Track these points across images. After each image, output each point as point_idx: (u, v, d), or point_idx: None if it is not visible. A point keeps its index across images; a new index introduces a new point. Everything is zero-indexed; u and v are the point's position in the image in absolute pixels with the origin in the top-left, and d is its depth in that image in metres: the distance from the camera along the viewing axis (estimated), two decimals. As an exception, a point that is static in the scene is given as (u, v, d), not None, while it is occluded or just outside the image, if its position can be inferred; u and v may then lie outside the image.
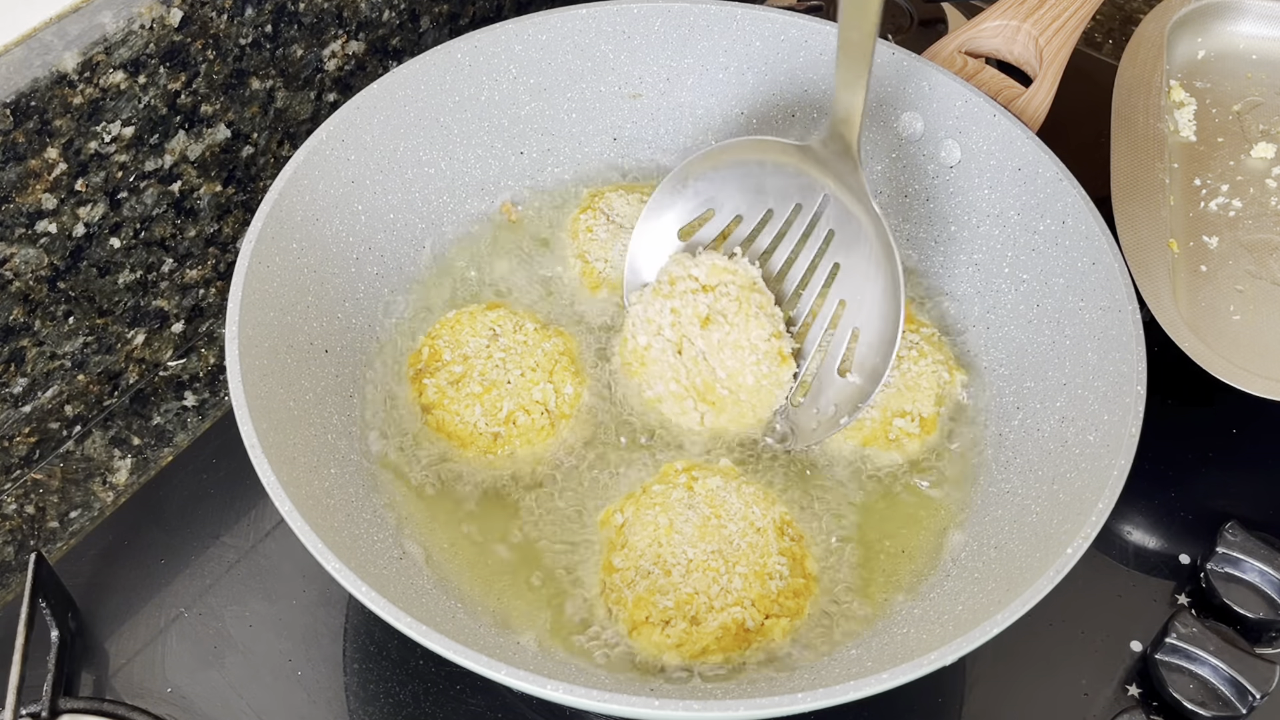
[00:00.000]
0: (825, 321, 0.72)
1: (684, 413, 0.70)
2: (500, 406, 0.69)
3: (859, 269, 0.71)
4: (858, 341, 0.70)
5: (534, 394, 0.69)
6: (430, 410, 0.69)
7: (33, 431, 0.75)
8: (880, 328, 0.70)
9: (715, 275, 0.73)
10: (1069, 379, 0.68)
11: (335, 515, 0.61)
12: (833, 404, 0.70)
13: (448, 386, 0.70)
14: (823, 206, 0.72)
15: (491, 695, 0.66)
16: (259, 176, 0.82)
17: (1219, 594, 0.69)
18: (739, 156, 0.73)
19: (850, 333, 0.71)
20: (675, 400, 0.70)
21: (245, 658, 0.67)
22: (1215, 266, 0.79)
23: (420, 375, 0.71)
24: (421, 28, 0.89)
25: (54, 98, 0.65)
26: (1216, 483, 0.77)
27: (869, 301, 0.70)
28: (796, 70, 0.82)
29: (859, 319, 0.71)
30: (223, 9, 0.72)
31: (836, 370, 0.71)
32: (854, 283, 0.71)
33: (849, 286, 0.71)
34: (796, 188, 0.72)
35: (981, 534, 0.66)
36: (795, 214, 0.73)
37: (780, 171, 0.72)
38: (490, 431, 0.68)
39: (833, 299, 0.72)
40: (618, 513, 0.66)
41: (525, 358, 0.71)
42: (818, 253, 0.72)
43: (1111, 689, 0.67)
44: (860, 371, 0.70)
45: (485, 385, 0.69)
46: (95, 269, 0.74)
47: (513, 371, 0.70)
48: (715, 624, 0.60)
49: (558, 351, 0.72)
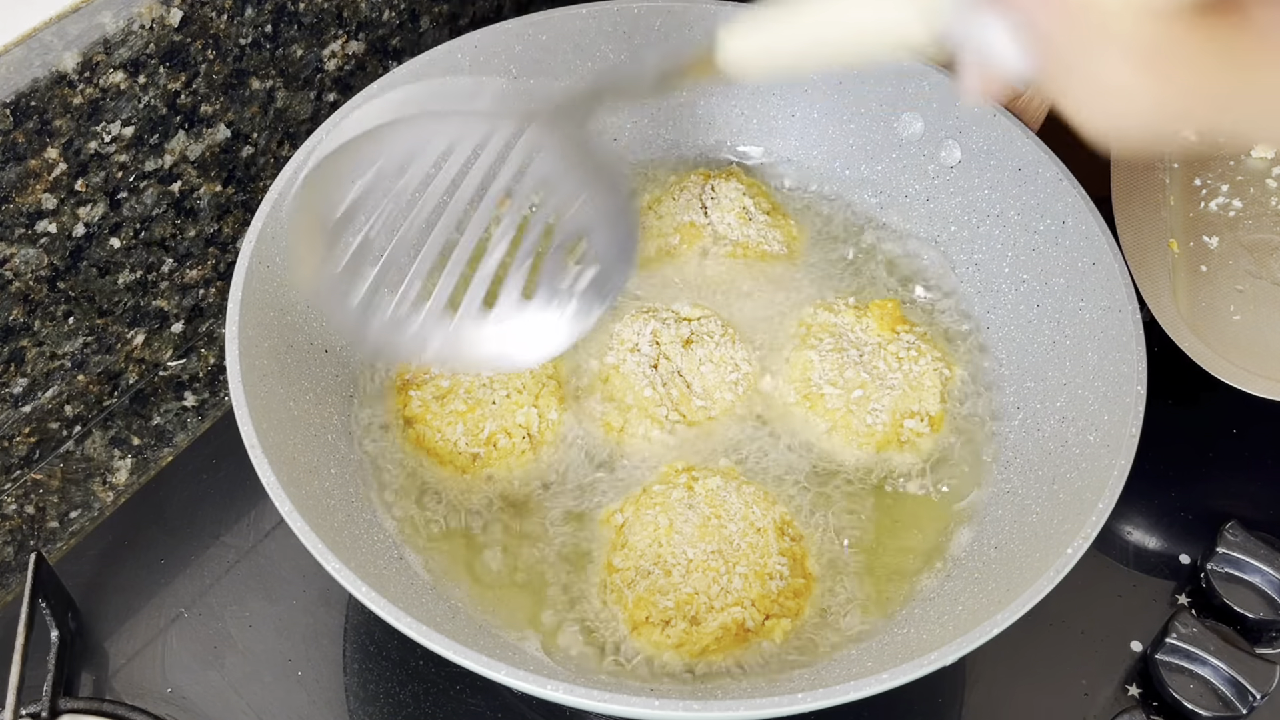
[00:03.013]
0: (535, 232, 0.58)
1: (656, 422, 0.70)
2: (482, 427, 0.68)
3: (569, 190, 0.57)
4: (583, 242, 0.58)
5: (517, 417, 0.68)
6: (412, 424, 0.69)
7: (33, 431, 0.75)
8: (611, 228, 0.57)
9: (698, 309, 0.73)
10: (1069, 379, 0.68)
11: (335, 515, 0.61)
12: (570, 299, 0.59)
13: (432, 401, 0.69)
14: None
15: (491, 695, 0.66)
16: (259, 176, 0.82)
17: (1219, 594, 0.69)
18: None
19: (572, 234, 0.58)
20: (650, 406, 0.70)
21: (245, 658, 0.67)
22: (1215, 266, 0.79)
23: (407, 386, 0.70)
24: (421, 28, 0.88)
25: (54, 98, 0.65)
26: (1216, 483, 0.77)
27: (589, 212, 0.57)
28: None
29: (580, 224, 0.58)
30: (223, 9, 0.72)
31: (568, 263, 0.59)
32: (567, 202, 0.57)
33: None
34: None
35: (981, 534, 0.66)
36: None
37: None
38: (469, 452, 0.68)
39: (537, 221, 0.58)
40: (618, 513, 0.66)
41: (513, 379, 0.70)
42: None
43: (1111, 689, 0.67)
44: (592, 262, 0.58)
45: (470, 404, 0.69)
46: (95, 269, 0.74)
47: (499, 392, 0.69)
48: (715, 624, 0.60)
49: (545, 375, 0.71)
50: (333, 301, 0.57)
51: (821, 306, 0.75)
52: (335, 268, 0.56)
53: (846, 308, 0.75)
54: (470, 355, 0.60)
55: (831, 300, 0.76)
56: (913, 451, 0.70)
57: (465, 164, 0.55)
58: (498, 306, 0.59)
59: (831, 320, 0.74)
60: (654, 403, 0.70)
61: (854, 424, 0.69)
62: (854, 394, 0.70)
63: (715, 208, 0.79)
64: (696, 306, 0.74)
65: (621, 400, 0.70)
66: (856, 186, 0.83)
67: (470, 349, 0.59)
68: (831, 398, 0.70)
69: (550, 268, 0.59)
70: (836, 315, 0.74)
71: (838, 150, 0.83)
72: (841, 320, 0.74)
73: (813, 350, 0.72)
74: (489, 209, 0.57)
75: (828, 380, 0.71)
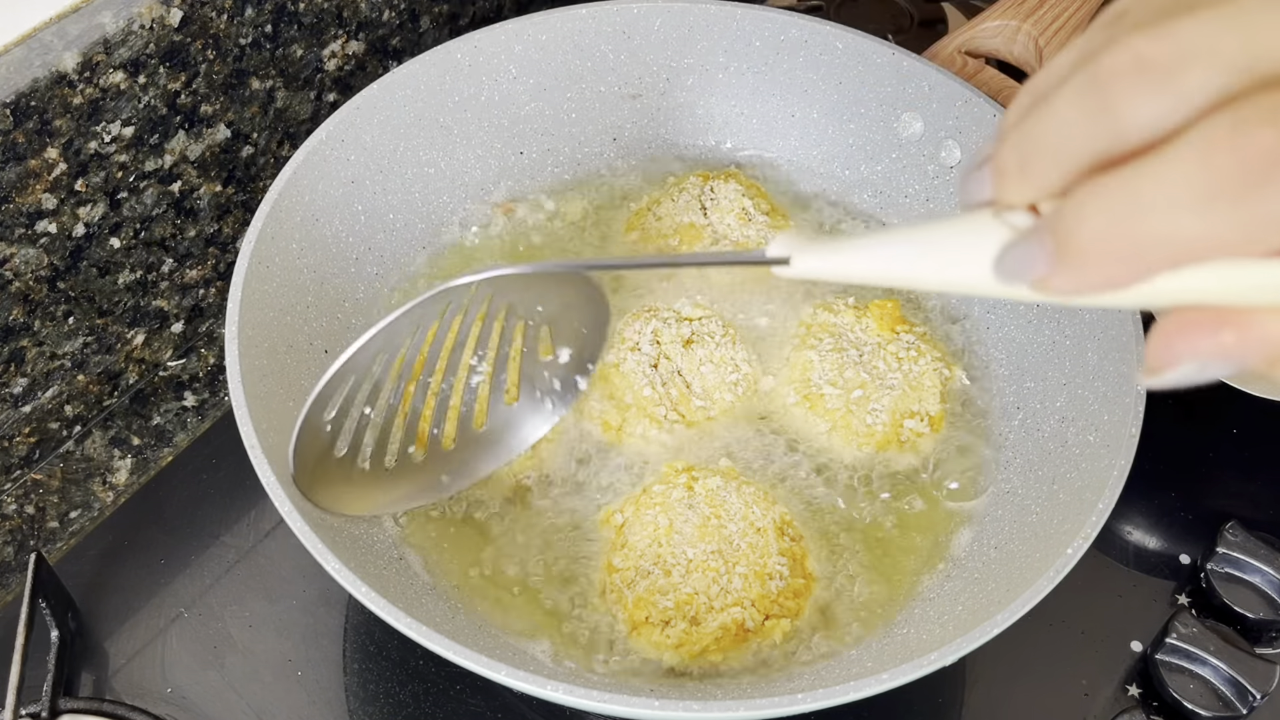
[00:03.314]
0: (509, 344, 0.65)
1: (654, 422, 0.69)
2: None
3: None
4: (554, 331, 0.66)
5: None
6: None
7: (33, 431, 0.75)
8: (581, 311, 0.64)
9: (699, 309, 0.74)
10: (1069, 379, 0.68)
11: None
12: (554, 381, 0.67)
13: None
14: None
15: (491, 695, 0.66)
16: (259, 176, 0.82)
17: (1219, 594, 0.69)
18: None
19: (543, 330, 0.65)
20: (649, 406, 0.70)
21: (245, 658, 0.67)
22: (1215, 266, 0.79)
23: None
24: (421, 28, 0.89)
25: (54, 98, 0.65)
26: (1216, 483, 0.77)
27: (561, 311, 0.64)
28: (796, 70, 0.82)
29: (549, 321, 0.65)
30: (223, 9, 0.72)
31: (538, 357, 0.66)
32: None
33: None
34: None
35: (981, 534, 0.66)
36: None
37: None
38: None
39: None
40: (617, 513, 0.66)
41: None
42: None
43: (1111, 689, 0.67)
44: (569, 343, 0.66)
45: None
46: (95, 269, 0.74)
47: None
48: (715, 624, 0.60)
49: None
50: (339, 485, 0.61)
51: (821, 306, 0.75)
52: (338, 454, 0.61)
53: (846, 308, 0.75)
54: (477, 471, 0.67)
55: (831, 300, 0.76)
56: (913, 451, 0.70)
57: (430, 338, 0.61)
58: (488, 421, 0.66)
59: (831, 320, 0.74)
60: (653, 402, 0.70)
61: (854, 424, 0.69)
62: (854, 394, 0.70)
63: (714, 209, 0.79)
64: (698, 306, 0.74)
65: (620, 399, 0.70)
66: (856, 186, 0.83)
67: (474, 468, 0.66)
68: (831, 398, 0.70)
69: (527, 367, 0.66)
70: (836, 315, 0.74)
71: (837, 150, 0.83)
72: (841, 320, 0.74)
73: (812, 350, 0.72)
74: (459, 357, 0.64)
75: (828, 380, 0.71)
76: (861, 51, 0.80)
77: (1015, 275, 0.35)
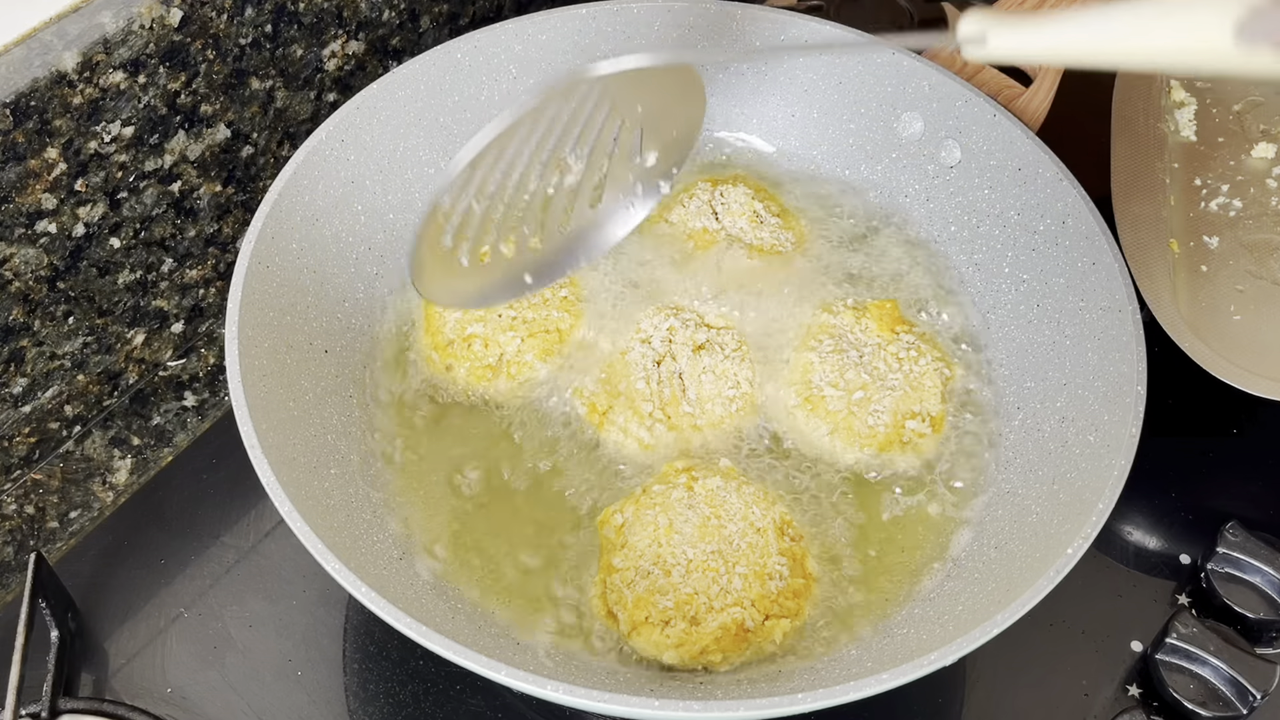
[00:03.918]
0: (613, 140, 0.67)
1: (637, 415, 0.70)
2: (467, 327, 0.72)
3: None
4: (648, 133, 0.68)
5: (501, 338, 0.72)
6: (451, 367, 0.72)
7: (33, 431, 0.75)
8: (677, 115, 0.68)
9: (722, 319, 0.74)
10: (1069, 379, 0.68)
11: (335, 515, 0.61)
12: (637, 185, 0.70)
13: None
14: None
15: (491, 695, 0.66)
16: (259, 176, 0.82)
17: (1219, 594, 0.69)
18: None
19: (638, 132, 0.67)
20: (637, 400, 0.70)
21: (245, 658, 0.67)
22: (1216, 266, 0.79)
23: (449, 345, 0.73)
24: (421, 28, 0.89)
25: (54, 98, 0.65)
26: (1216, 483, 0.77)
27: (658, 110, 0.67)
28: (797, 70, 0.82)
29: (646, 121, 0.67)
30: (223, 9, 0.72)
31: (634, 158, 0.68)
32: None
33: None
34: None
35: (981, 534, 0.66)
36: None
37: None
38: (450, 338, 0.72)
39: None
40: (617, 513, 0.66)
41: (539, 308, 0.74)
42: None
43: (1111, 689, 0.67)
44: (658, 146, 0.68)
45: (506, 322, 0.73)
46: (95, 269, 0.74)
47: (508, 313, 0.73)
48: (715, 624, 0.60)
49: (554, 326, 0.74)
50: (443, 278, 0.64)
51: (821, 308, 0.75)
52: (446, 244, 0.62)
53: (846, 309, 0.75)
54: (558, 271, 0.69)
55: (830, 301, 0.76)
56: (914, 452, 0.70)
57: (542, 135, 0.62)
58: (571, 222, 0.68)
59: (831, 321, 0.74)
60: (642, 396, 0.70)
61: (855, 425, 0.69)
62: (855, 395, 0.70)
63: (726, 213, 0.79)
64: (721, 316, 0.74)
65: (614, 386, 0.71)
66: (856, 187, 0.83)
67: (557, 268, 0.69)
68: (832, 399, 0.70)
69: (616, 169, 0.67)
70: (836, 316, 0.74)
71: (837, 150, 0.83)
72: (841, 321, 0.74)
73: (813, 352, 0.72)
74: (559, 155, 0.64)
75: (828, 382, 0.71)
76: (861, 51, 0.80)
77: (1265, 36, 0.35)
